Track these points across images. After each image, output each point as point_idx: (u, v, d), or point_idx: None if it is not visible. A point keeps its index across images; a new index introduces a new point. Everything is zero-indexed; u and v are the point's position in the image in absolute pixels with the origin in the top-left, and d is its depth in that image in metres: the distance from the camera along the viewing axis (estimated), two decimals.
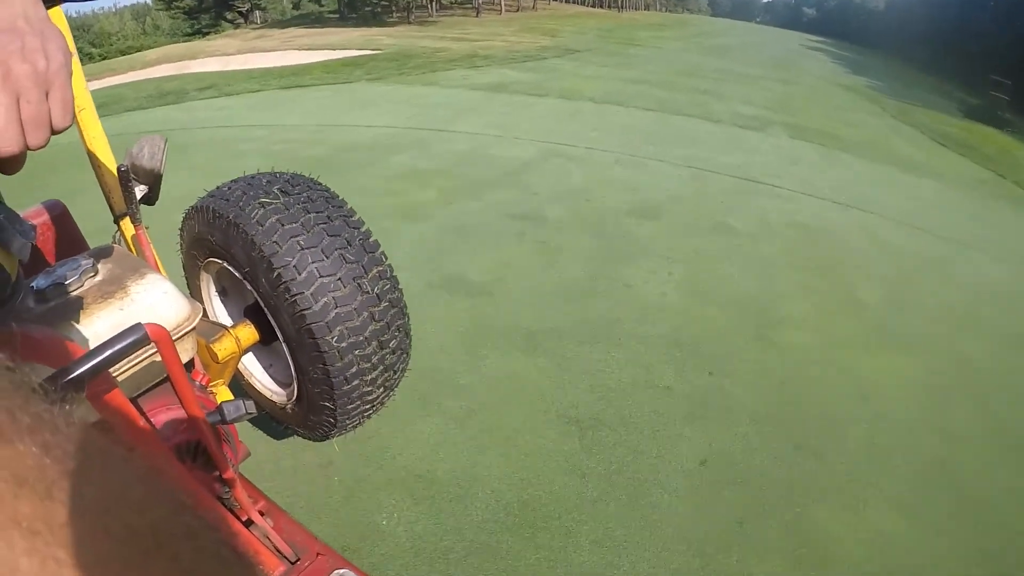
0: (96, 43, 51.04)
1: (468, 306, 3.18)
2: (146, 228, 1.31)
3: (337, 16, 41.55)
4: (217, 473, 1.15)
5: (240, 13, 45.05)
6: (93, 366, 0.75)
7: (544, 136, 7.01)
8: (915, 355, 3.28)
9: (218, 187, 1.31)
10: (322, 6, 42.79)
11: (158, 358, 0.95)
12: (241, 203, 1.21)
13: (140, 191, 1.23)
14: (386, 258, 1.31)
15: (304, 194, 1.27)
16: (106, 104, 10.17)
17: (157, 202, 1.31)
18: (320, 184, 1.35)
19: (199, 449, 1.13)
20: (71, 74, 0.59)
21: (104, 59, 37.61)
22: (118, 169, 1.19)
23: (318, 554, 1.18)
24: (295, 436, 1.60)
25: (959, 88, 21.26)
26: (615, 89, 11.21)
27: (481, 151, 6.15)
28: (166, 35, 53.89)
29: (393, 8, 38.43)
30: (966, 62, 23.44)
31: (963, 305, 4.02)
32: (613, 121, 8.44)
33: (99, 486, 0.22)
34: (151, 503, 0.25)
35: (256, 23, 45.50)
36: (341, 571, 1.13)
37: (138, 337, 0.78)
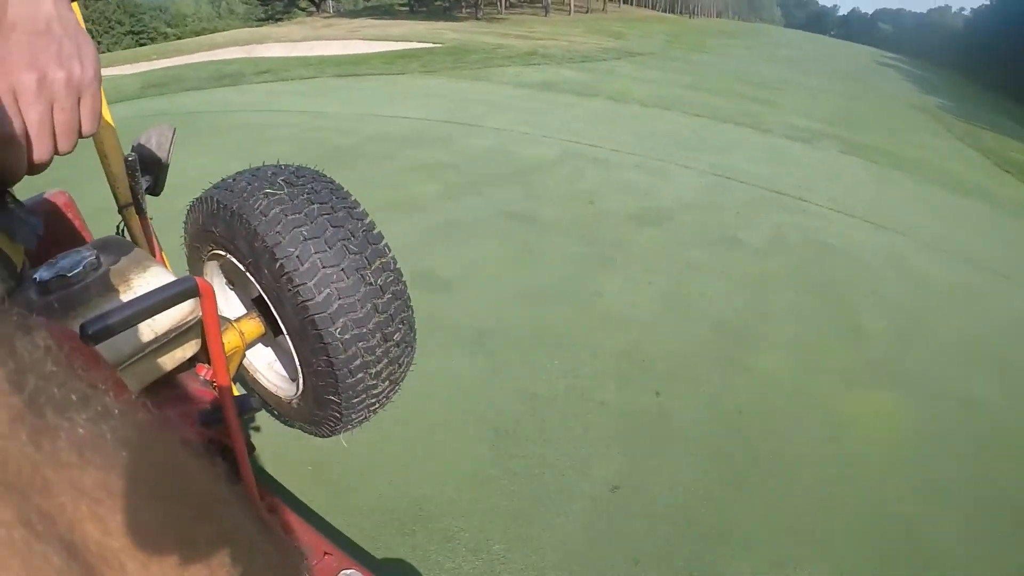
0: (171, 23, 52.41)
1: None
2: (151, 219, 1.31)
3: (407, 9, 42.74)
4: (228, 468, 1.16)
5: (312, 1, 47.04)
6: (142, 310, 0.75)
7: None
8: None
9: (223, 179, 1.30)
10: None
11: (161, 355, 1.02)
12: (245, 194, 1.21)
13: (145, 182, 1.21)
14: (390, 250, 1.29)
15: (309, 185, 1.26)
16: (165, 83, 10.76)
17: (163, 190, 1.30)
18: (325, 176, 1.34)
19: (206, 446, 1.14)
20: (101, 82, 0.59)
21: (179, 39, 39.28)
22: (125, 159, 1.17)
23: (325, 554, 1.16)
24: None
25: None
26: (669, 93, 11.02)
27: (499, 149, 6.09)
28: (240, 19, 55.56)
29: (463, 3, 39.42)
30: None
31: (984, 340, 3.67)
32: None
33: (150, 455, 0.24)
34: (193, 471, 0.26)
35: (328, 12, 47.20)
36: (348, 571, 1.11)
37: (189, 286, 0.80)
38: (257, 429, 2.01)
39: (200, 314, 1.02)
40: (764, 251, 4.11)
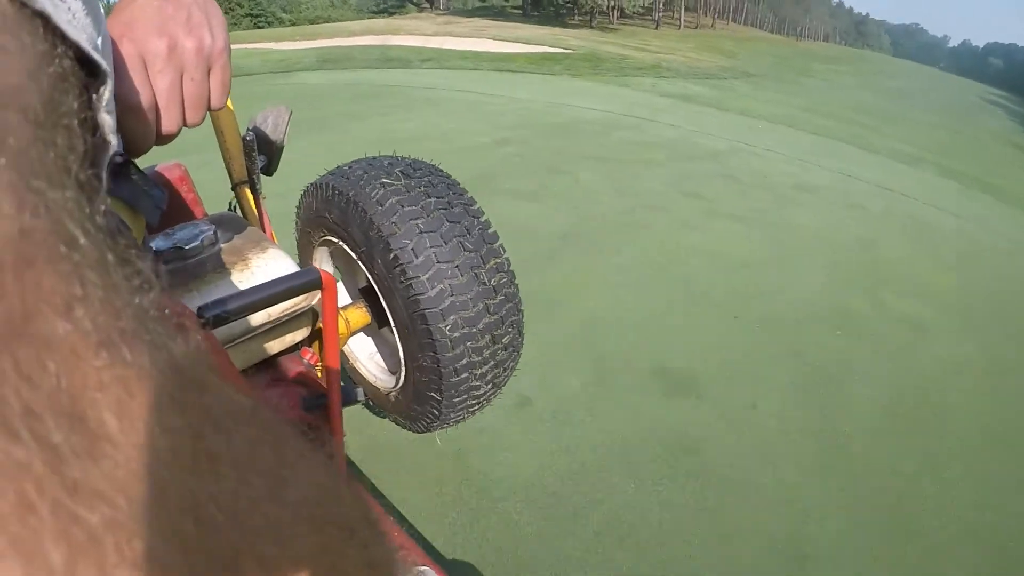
0: (287, 9, 54.80)
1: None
2: (263, 198, 1.32)
3: (520, 12, 42.40)
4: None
5: None
6: (263, 299, 0.77)
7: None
8: None
9: (338, 166, 1.32)
10: (506, 1, 44.78)
11: (270, 339, 1.03)
12: (362, 183, 1.21)
13: (260, 161, 1.22)
14: (504, 251, 1.28)
15: (426, 179, 1.26)
16: (338, 60, 12.79)
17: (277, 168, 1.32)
18: (442, 171, 1.33)
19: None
20: (230, 53, 0.57)
21: (294, 24, 40.92)
22: (243, 138, 1.18)
23: (400, 547, 1.12)
24: None
25: None
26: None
27: (686, 139, 8.44)
28: (352, 10, 58.05)
29: (576, 11, 39.53)
30: None
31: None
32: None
33: (306, 475, 0.23)
34: (341, 489, 0.25)
35: (439, 9, 46.42)
36: (421, 568, 1.08)
37: (312, 278, 0.82)
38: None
39: (314, 302, 1.04)
40: (880, 214, 6.29)
